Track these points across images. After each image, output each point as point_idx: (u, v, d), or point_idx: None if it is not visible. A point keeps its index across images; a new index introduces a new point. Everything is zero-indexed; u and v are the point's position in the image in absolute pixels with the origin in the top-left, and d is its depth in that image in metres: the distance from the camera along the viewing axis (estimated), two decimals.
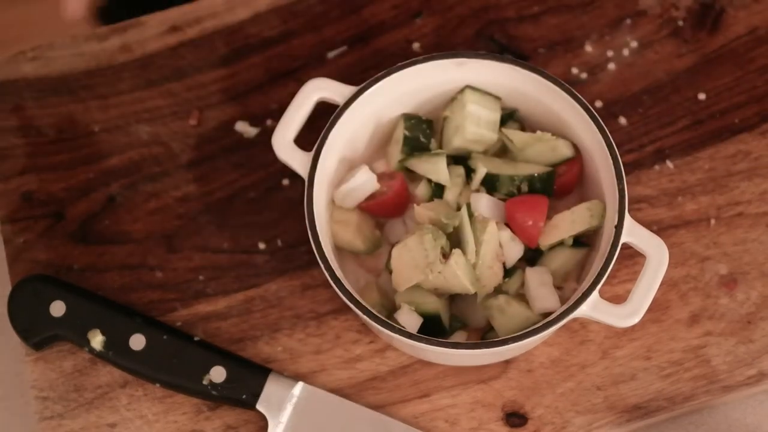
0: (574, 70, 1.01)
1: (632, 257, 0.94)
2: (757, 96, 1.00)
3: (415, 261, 0.87)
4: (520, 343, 0.85)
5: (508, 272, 0.90)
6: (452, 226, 0.88)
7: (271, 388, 0.90)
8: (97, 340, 0.91)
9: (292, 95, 0.92)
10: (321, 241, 0.88)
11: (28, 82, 1.02)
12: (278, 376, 0.91)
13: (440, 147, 0.94)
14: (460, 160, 0.94)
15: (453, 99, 0.94)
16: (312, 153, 0.90)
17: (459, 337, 0.91)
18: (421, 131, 0.94)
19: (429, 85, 0.94)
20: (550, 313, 0.87)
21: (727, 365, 0.92)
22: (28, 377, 0.94)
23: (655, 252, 0.87)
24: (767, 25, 1.03)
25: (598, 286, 0.86)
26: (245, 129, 1.00)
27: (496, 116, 0.93)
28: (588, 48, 1.02)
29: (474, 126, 0.92)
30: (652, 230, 0.89)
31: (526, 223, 0.89)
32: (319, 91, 0.92)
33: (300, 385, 0.91)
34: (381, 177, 0.93)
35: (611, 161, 0.89)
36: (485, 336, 0.91)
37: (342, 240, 0.92)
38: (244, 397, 0.90)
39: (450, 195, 0.92)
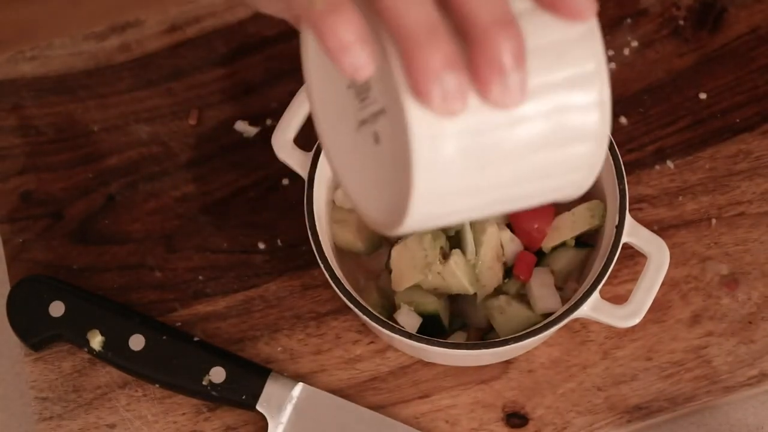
0: None
1: (633, 257, 0.94)
2: (759, 96, 1.00)
3: (414, 261, 0.87)
4: (520, 343, 0.85)
5: (508, 272, 0.90)
6: (453, 228, 0.88)
7: (271, 388, 0.90)
8: (96, 340, 0.91)
9: (292, 95, 0.92)
10: (321, 241, 0.87)
11: (26, 82, 1.02)
12: (278, 376, 0.91)
13: None
14: None
15: None
16: (312, 153, 0.90)
17: (459, 337, 0.91)
18: None
19: None
20: (550, 314, 0.87)
21: (729, 366, 0.92)
22: (27, 378, 0.93)
23: (656, 252, 0.87)
24: None
25: (599, 287, 0.85)
26: (245, 128, 1.00)
27: None
28: None
29: None
30: (652, 230, 0.89)
31: (531, 227, 0.89)
32: None
33: (300, 385, 0.91)
34: None
35: (612, 161, 0.88)
36: (485, 336, 0.91)
37: (342, 240, 0.92)
38: (243, 397, 0.90)
39: None
